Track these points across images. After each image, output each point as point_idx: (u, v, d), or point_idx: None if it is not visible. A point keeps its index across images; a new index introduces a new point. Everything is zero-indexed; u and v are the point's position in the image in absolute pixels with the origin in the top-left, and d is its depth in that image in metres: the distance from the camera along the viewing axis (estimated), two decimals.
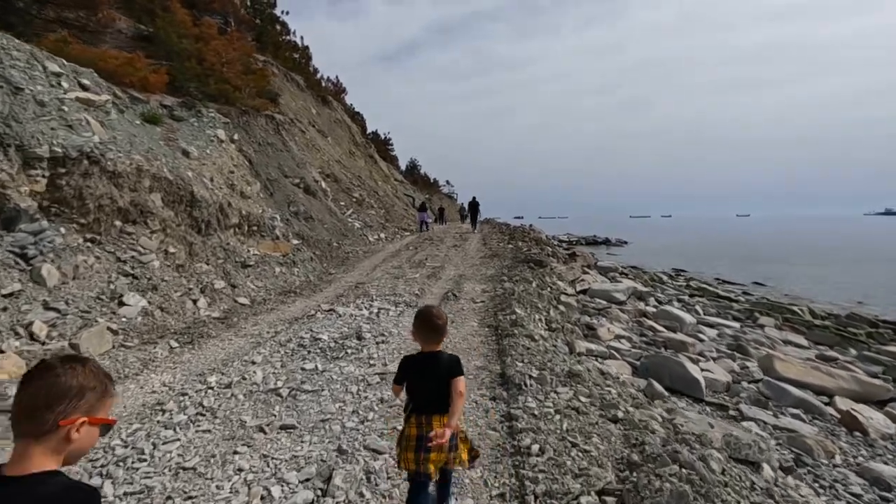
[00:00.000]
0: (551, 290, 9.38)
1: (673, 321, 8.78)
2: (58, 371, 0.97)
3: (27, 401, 0.94)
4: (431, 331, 2.02)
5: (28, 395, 0.94)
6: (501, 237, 17.29)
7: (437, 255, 12.71)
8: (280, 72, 27.31)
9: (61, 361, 0.99)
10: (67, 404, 0.95)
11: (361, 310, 6.94)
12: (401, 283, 9.14)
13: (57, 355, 1.12)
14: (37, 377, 0.96)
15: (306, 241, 11.77)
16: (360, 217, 17.82)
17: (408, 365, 2.07)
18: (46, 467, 0.93)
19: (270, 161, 14.72)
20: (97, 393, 1.01)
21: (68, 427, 0.95)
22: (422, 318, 2.05)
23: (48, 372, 0.96)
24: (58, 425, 0.94)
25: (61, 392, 0.95)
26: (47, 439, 0.94)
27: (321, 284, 9.37)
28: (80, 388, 0.98)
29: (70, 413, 0.96)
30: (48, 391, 0.94)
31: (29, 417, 0.93)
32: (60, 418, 0.94)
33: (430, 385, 1.97)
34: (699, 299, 13.81)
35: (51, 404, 0.94)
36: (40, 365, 0.99)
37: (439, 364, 1.99)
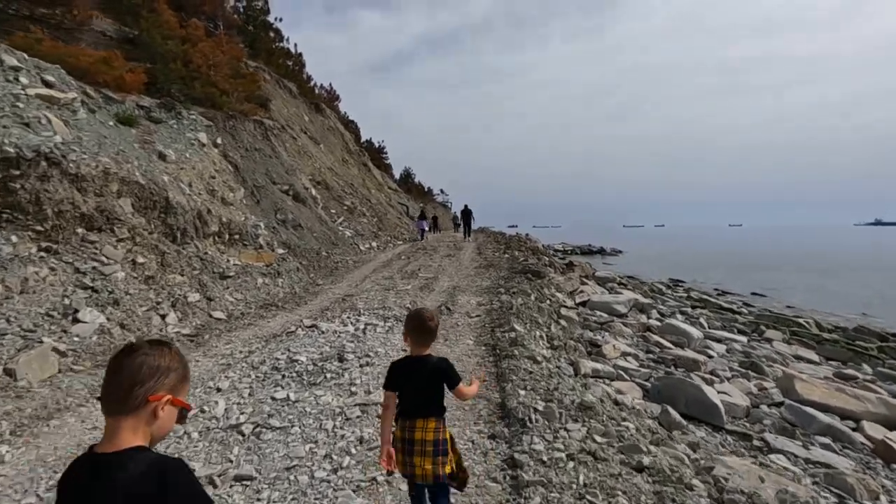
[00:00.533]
0: (550, 302, 8.86)
1: (680, 336, 8.27)
2: (146, 350, 1.01)
3: (118, 378, 0.98)
4: (424, 333, 2.00)
5: (119, 372, 0.98)
6: (497, 247, 16.79)
7: (430, 266, 12.17)
8: (272, 78, 26.94)
9: (149, 344, 1.04)
10: (155, 381, 0.99)
11: (347, 326, 6.37)
12: (391, 296, 8.58)
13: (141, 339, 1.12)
14: (126, 356, 0.99)
15: (293, 250, 11.20)
16: (351, 225, 17.27)
17: (396, 369, 2.04)
18: (135, 443, 0.96)
19: (258, 167, 14.18)
20: (179, 374, 1.05)
21: (155, 403, 0.99)
22: (415, 319, 2.03)
23: (137, 352, 1.00)
24: (147, 400, 0.98)
25: (150, 369, 0.99)
26: (136, 415, 0.97)
27: (307, 296, 8.79)
28: (167, 368, 1.02)
29: (157, 389, 0.99)
30: (138, 368, 0.98)
31: (119, 393, 0.97)
32: (149, 394, 0.98)
33: (417, 389, 1.98)
34: (702, 311, 13.34)
35: (142, 380, 0.97)
36: (128, 347, 1.02)
37: (427, 368, 1.98)
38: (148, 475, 0.90)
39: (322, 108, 33.76)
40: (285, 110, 25.18)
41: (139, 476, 0.90)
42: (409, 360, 2.04)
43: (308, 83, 35.68)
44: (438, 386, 2.00)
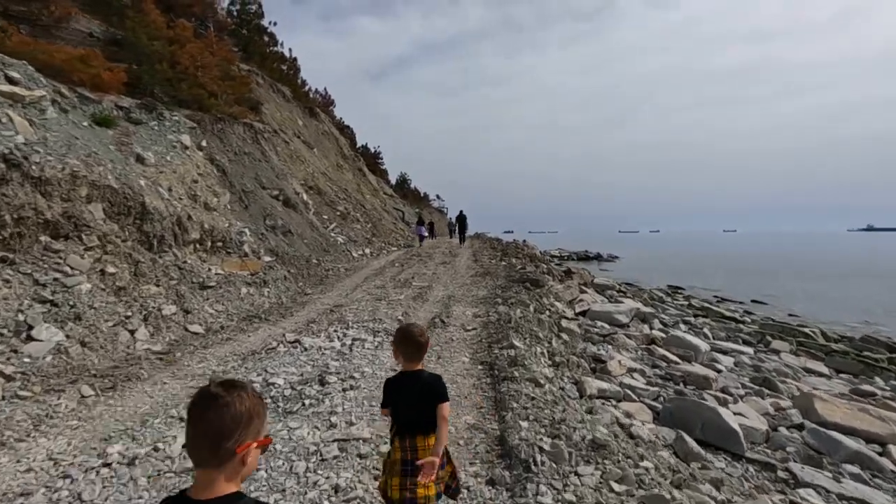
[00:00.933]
0: (550, 313, 8.43)
1: (686, 349, 7.85)
2: (227, 400, 0.98)
3: (205, 432, 0.96)
4: (413, 347, 1.96)
5: (205, 426, 0.97)
6: (493, 253, 16.37)
7: (424, 274, 11.72)
8: (265, 82, 26.60)
9: (225, 389, 1.01)
10: (241, 432, 0.98)
11: (332, 341, 5.90)
12: (383, 306, 8.13)
13: (215, 381, 1.04)
14: (209, 408, 0.97)
15: (281, 257, 10.72)
16: (343, 231, 16.81)
17: (390, 387, 2.02)
18: (229, 490, 0.98)
19: (247, 171, 13.73)
20: (261, 416, 1.05)
21: (241, 452, 0.98)
22: (403, 334, 2.00)
23: (218, 401, 0.98)
24: (235, 452, 0.97)
25: (235, 421, 0.97)
26: (226, 466, 0.97)
27: (293, 307, 8.31)
28: (249, 415, 1.00)
29: (244, 439, 0.99)
30: (223, 421, 0.96)
31: (208, 448, 0.96)
32: (237, 446, 0.97)
33: (412, 405, 1.93)
34: (703, 320, 12.95)
35: (229, 434, 0.96)
36: (207, 395, 0.99)
37: (420, 384, 1.95)
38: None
39: (316, 113, 33.43)
40: (278, 114, 24.81)
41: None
42: (402, 377, 2.01)
43: (302, 88, 35.41)
44: (433, 402, 1.94)
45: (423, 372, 2.00)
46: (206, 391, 1.00)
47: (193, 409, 0.99)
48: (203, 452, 0.97)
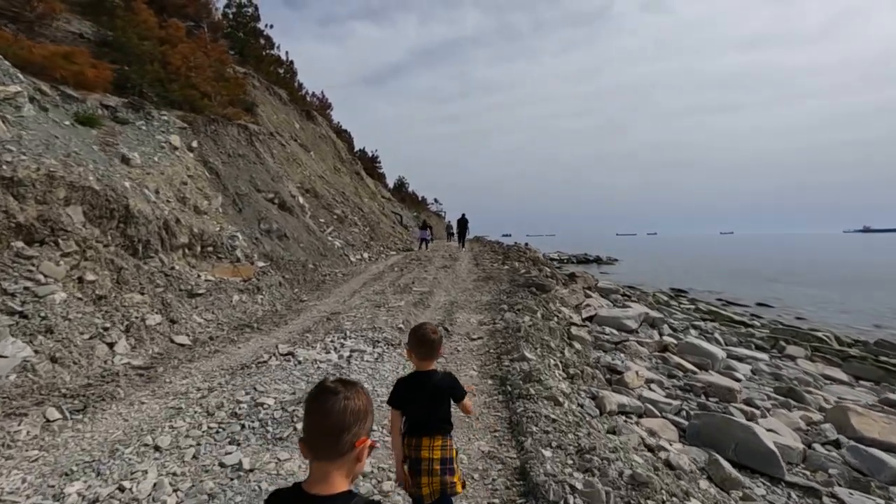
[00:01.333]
0: (558, 319, 8.03)
1: (702, 357, 7.45)
2: (346, 395, 1.02)
3: (326, 424, 1.00)
4: (426, 346, 1.94)
5: (326, 418, 0.99)
6: (495, 257, 15.96)
7: (424, 279, 11.31)
8: (262, 85, 26.28)
9: (343, 385, 1.05)
10: (359, 426, 1.02)
11: (329, 353, 5.48)
12: (382, 314, 7.71)
13: (330, 379, 1.10)
14: (329, 401, 1.00)
15: (276, 262, 10.29)
16: (341, 235, 16.39)
17: (401, 386, 1.99)
18: (345, 488, 1.01)
19: (241, 174, 13.31)
20: (372, 415, 1.08)
21: (360, 448, 1.02)
22: (417, 333, 1.98)
23: (338, 395, 1.01)
24: (353, 446, 1.01)
25: (354, 415, 1.01)
26: (343, 460, 1.01)
27: (288, 315, 7.88)
28: (365, 411, 1.04)
29: (361, 434, 1.02)
30: (343, 415, 0.99)
31: (329, 441, 0.99)
32: (355, 440, 1.01)
33: (423, 406, 1.92)
34: (712, 324, 12.56)
35: (348, 427, 1.00)
36: (327, 389, 1.03)
37: (432, 384, 1.93)
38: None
39: (313, 116, 33.12)
40: (274, 117, 24.46)
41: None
42: (414, 377, 1.98)
43: (299, 91, 35.14)
44: (444, 402, 1.96)
45: (436, 372, 1.99)
46: (326, 386, 1.05)
47: (314, 401, 1.03)
48: (324, 444, 1.00)
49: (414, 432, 1.91)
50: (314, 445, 1.01)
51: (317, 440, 1.00)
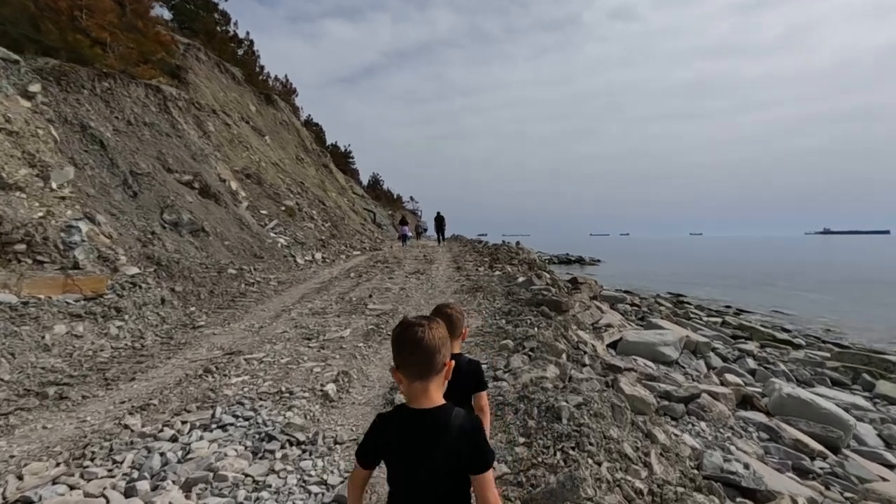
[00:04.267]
0: (584, 352, 5.14)
1: (825, 426, 4.66)
2: (433, 325, 1.21)
3: (423, 350, 1.17)
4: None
5: (419, 346, 1.17)
6: (479, 259, 12.99)
7: (387, 290, 8.25)
8: (211, 60, 22.89)
9: (425, 319, 1.23)
10: (445, 349, 1.21)
11: (143, 478, 2.40)
12: (308, 357, 4.66)
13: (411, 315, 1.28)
14: (419, 332, 1.18)
15: (166, 267, 7.06)
16: (288, 231, 13.15)
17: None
18: (442, 401, 1.22)
19: (144, 147, 9.98)
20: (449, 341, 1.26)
21: (448, 367, 1.23)
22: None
23: (424, 325, 1.19)
24: (444, 364, 1.21)
25: (442, 340, 1.20)
26: (437, 377, 1.20)
27: (154, 358, 4.73)
28: (446, 336, 1.23)
29: (446, 356, 1.22)
30: (436, 340, 1.18)
31: (427, 359, 1.18)
32: (444, 360, 1.21)
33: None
34: (752, 345, 9.92)
35: (440, 349, 1.19)
36: (414, 322, 1.21)
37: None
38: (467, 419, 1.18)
39: (274, 101, 29.73)
40: (221, 94, 21.07)
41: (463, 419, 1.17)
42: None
43: (260, 74, 31.75)
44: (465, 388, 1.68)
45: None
46: (409, 321, 1.22)
47: (406, 332, 1.19)
48: (423, 366, 1.18)
49: None
50: (413, 369, 1.18)
51: (416, 364, 1.18)
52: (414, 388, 1.18)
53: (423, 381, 1.17)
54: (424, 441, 1.17)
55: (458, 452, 1.16)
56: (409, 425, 1.19)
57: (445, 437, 1.16)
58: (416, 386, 1.18)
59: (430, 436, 1.17)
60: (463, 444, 1.16)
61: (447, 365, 1.21)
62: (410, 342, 1.17)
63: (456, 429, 1.17)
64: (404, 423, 1.20)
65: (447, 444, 1.16)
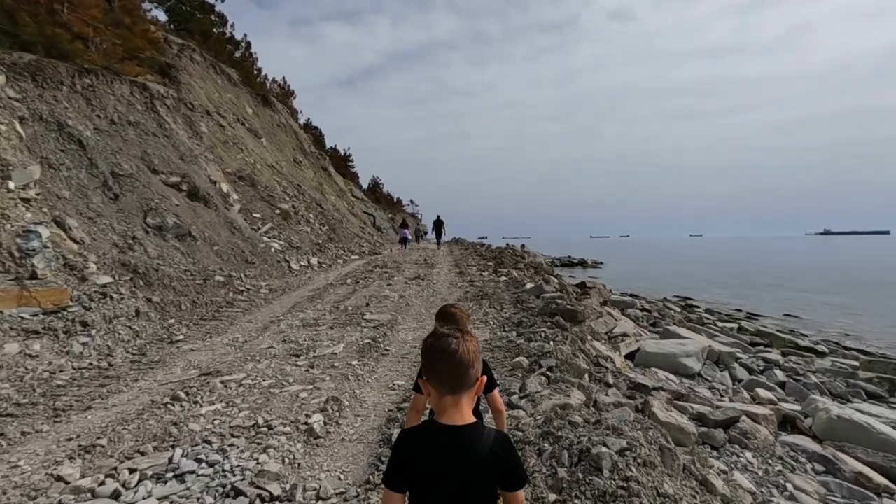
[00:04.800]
0: (614, 377, 4.57)
1: (887, 456, 4.07)
2: (466, 338, 1.15)
3: (457, 363, 1.12)
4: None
5: (453, 358, 1.12)
6: (483, 263, 12.41)
7: (386, 297, 7.67)
8: (206, 61, 22.48)
9: (459, 331, 1.18)
10: (478, 363, 1.16)
11: None
12: (294, 377, 4.08)
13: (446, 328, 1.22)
14: (454, 345, 1.12)
15: (144, 275, 6.47)
16: (283, 235, 12.58)
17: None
18: (472, 418, 1.14)
19: (128, 147, 9.41)
20: None
21: (480, 382, 1.17)
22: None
23: (459, 339, 1.14)
24: (476, 379, 1.15)
25: (474, 354, 1.14)
26: (469, 392, 1.14)
27: (113, 383, 4.15)
28: (479, 351, 1.18)
29: (479, 370, 1.16)
30: (469, 353, 1.13)
31: (461, 373, 1.12)
32: (477, 374, 1.15)
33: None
34: (775, 355, 9.32)
35: (473, 363, 1.13)
36: (448, 335, 1.16)
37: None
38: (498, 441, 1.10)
39: (271, 102, 29.33)
40: (216, 95, 20.61)
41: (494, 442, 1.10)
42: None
43: (258, 76, 31.46)
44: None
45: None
46: (445, 333, 1.17)
47: (440, 342, 1.15)
48: (457, 379, 1.12)
49: None
50: (446, 382, 1.12)
51: (449, 377, 1.12)
52: (444, 401, 1.13)
53: (454, 395, 1.13)
54: (452, 460, 1.09)
55: (488, 476, 1.12)
56: (436, 442, 1.11)
57: (475, 459, 1.10)
58: (447, 400, 1.13)
59: (459, 456, 1.10)
60: (494, 466, 1.11)
61: (479, 380, 1.17)
62: (443, 353, 1.14)
63: (487, 451, 1.10)
64: (432, 439, 1.12)
65: (477, 467, 1.10)
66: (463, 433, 1.09)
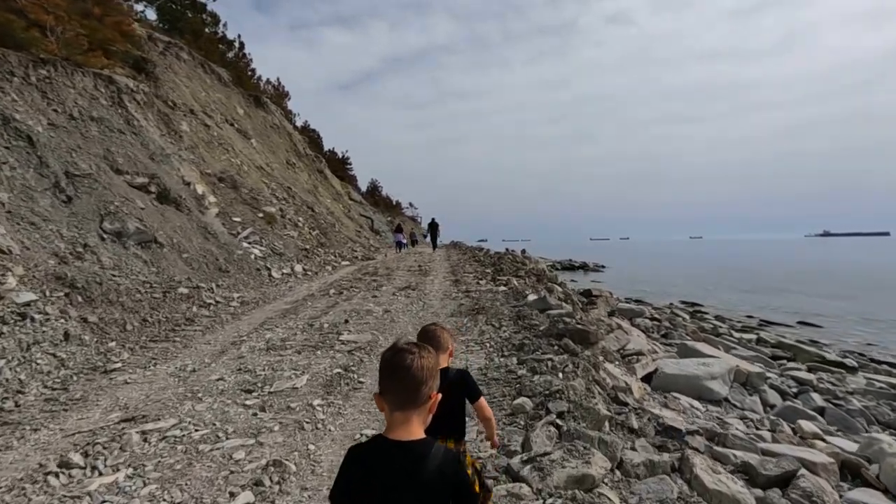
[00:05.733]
0: (627, 406, 3.71)
1: None
2: (422, 353, 1.11)
3: (409, 378, 1.07)
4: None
5: (406, 374, 1.07)
6: (481, 269, 11.52)
7: (368, 312, 6.77)
8: (194, 60, 21.82)
9: (416, 346, 1.13)
10: (433, 381, 1.11)
11: None
12: (237, 424, 3.20)
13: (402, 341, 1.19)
14: (408, 360, 1.08)
15: (84, 290, 5.57)
16: (265, 240, 11.69)
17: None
18: (422, 435, 1.10)
19: (89, 145, 8.54)
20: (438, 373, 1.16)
21: (433, 399, 1.12)
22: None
23: (413, 354, 1.09)
24: (429, 397, 1.10)
25: (429, 370, 1.10)
26: (421, 410, 1.10)
27: (9, 431, 3.26)
28: (436, 367, 1.13)
29: (433, 388, 1.12)
30: (423, 370, 1.08)
31: (411, 393, 1.08)
32: (430, 392, 1.10)
33: None
34: (801, 370, 8.44)
35: (426, 380, 1.09)
36: (403, 349, 1.11)
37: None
38: (448, 460, 1.08)
39: (264, 103, 28.64)
40: (203, 94, 19.87)
41: (444, 460, 1.06)
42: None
43: (251, 77, 30.88)
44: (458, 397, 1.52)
45: (448, 370, 1.65)
46: (402, 347, 1.13)
47: (395, 357, 1.10)
48: (406, 396, 1.08)
49: None
50: (397, 398, 1.08)
51: (399, 393, 1.08)
52: (394, 417, 1.09)
53: (403, 411, 1.09)
54: (395, 476, 1.06)
55: (434, 493, 1.08)
56: (381, 457, 1.08)
57: (420, 475, 1.06)
58: (397, 416, 1.09)
59: (403, 471, 1.06)
60: (442, 485, 1.08)
61: (432, 398, 1.12)
62: (397, 368, 1.09)
63: (434, 468, 1.07)
64: (376, 454, 1.09)
65: (421, 483, 1.06)
66: (411, 449, 1.07)
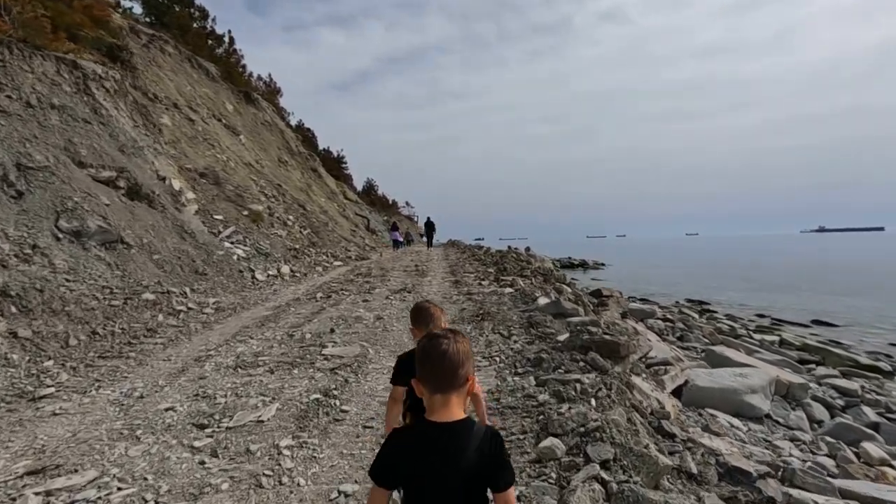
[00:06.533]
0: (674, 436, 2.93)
1: None
2: (458, 338, 1.18)
3: (448, 362, 1.13)
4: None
5: (444, 358, 1.13)
6: (482, 270, 10.70)
7: (358, 319, 5.95)
8: (181, 54, 21.06)
9: (451, 332, 1.21)
10: (469, 363, 1.17)
11: None
12: (176, 478, 2.39)
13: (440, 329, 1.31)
14: (444, 345, 1.15)
15: (18, 300, 4.73)
16: (249, 240, 10.85)
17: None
18: (463, 415, 1.15)
19: (47, 135, 7.70)
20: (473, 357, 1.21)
21: (470, 381, 1.18)
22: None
23: (450, 339, 1.16)
24: (466, 380, 1.16)
25: (466, 354, 1.17)
26: (460, 392, 1.15)
27: None
28: (469, 352, 1.19)
29: (469, 370, 1.18)
30: (460, 354, 1.15)
31: (450, 375, 1.13)
32: (467, 374, 1.17)
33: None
34: (838, 378, 7.68)
35: (463, 363, 1.15)
36: (441, 335, 1.18)
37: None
38: (488, 438, 1.12)
39: (255, 100, 27.85)
40: (188, 88, 19.04)
41: (484, 437, 1.12)
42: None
43: (242, 73, 30.15)
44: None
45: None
46: (438, 334, 1.20)
47: (432, 342, 1.16)
48: (446, 379, 1.13)
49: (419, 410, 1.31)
50: (435, 382, 1.13)
51: (438, 377, 1.13)
52: (434, 399, 1.14)
53: (443, 394, 1.13)
54: (439, 456, 1.11)
55: (476, 470, 1.12)
56: (424, 438, 1.14)
57: (463, 454, 1.11)
58: (437, 398, 1.14)
59: (446, 451, 1.11)
60: (482, 463, 1.11)
61: (469, 379, 1.17)
62: (433, 354, 1.15)
63: (475, 445, 1.12)
64: (420, 436, 1.15)
65: (464, 461, 1.11)
66: (452, 430, 1.11)
